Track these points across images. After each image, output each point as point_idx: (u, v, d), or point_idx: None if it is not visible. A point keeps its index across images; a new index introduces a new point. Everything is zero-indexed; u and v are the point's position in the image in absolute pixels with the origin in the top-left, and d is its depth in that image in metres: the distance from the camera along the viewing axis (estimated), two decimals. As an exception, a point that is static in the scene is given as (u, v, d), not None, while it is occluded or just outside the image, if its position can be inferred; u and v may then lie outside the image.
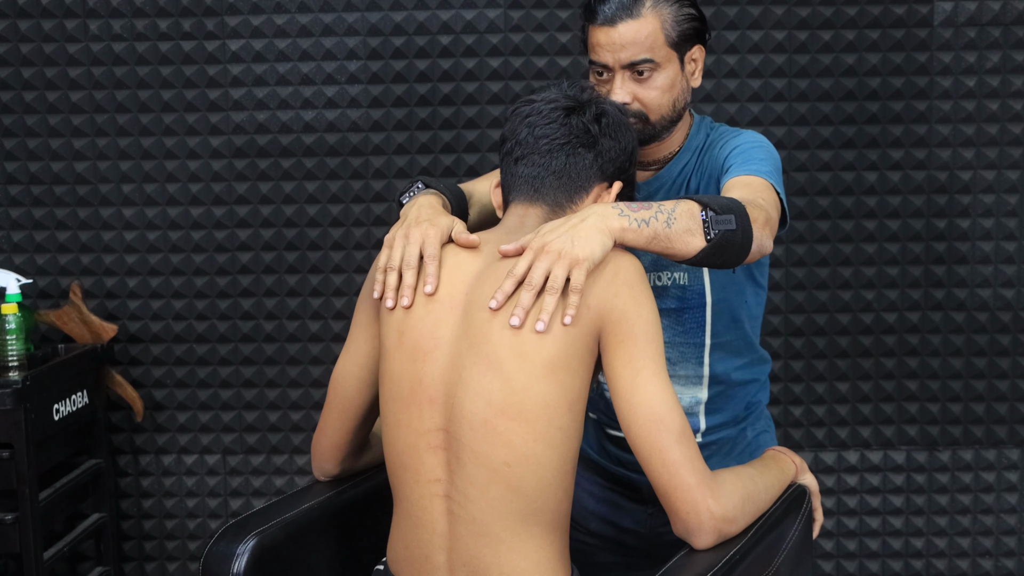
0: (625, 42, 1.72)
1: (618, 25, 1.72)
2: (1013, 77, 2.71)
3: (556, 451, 1.39)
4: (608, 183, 1.56)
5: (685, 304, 1.82)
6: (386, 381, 1.47)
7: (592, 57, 1.76)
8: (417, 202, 1.61)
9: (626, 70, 1.73)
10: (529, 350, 1.37)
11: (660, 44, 1.74)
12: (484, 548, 1.40)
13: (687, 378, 1.84)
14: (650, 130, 1.76)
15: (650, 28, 1.73)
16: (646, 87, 1.74)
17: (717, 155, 1.80)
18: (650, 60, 1.73)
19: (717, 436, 1.88)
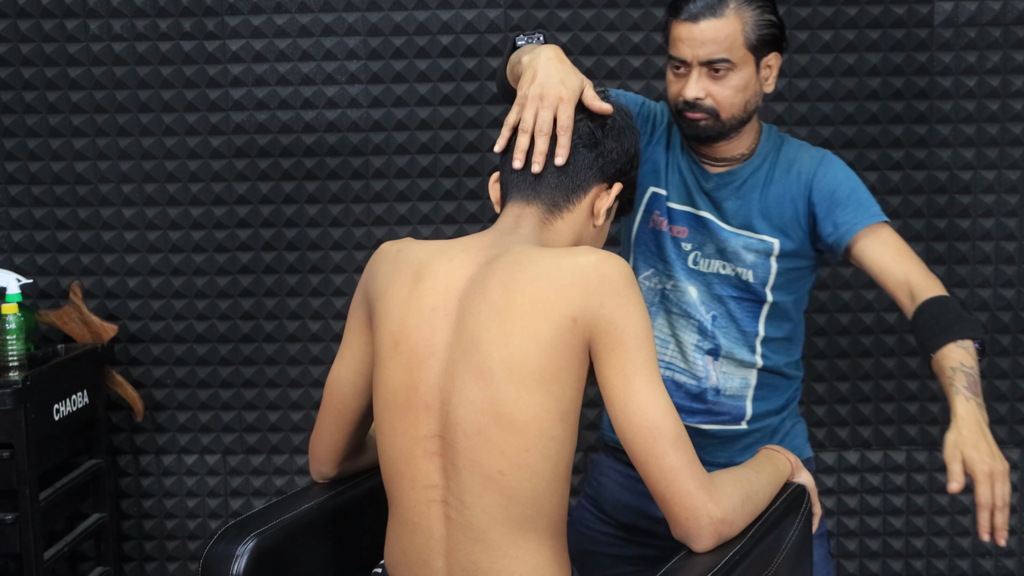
0: (705, 39, 1.78)
1: (700, 22, 1.78)
2: (1013, 77, 2.71)
3: (549, 460, 1.38)
4: (608, 184, 1.55)
5: (744, 295, 1.90)
6: (381, 389, 1.47)
7: (671, 52, 1.82)
8: (544, 54, 1.61)
9: (703, 67, 1.80)
10: (517, 362, 1.36)
11: (739, 45, 1.80)
12: (481, 554, 1.40)
13: (740, 362, 1.92)
14: (719, 127, 1.83)
15: (731, 29, 1.79)
16: (720, 85, 1.81)
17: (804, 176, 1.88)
18: (727, 60, 1.79)
19: (762, 424, 1.94)
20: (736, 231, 1.89)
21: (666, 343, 1.95)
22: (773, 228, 1.88)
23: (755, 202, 1.89)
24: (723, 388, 1.92)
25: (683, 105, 1.83)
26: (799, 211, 1.88)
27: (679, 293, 1.91)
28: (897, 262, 1.84)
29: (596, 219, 1.55)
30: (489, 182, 1.61)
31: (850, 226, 1.85)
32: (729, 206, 1.89)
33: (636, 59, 2.72)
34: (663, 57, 2.71)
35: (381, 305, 1.48)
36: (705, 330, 1.91)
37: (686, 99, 1.82)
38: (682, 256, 1.91)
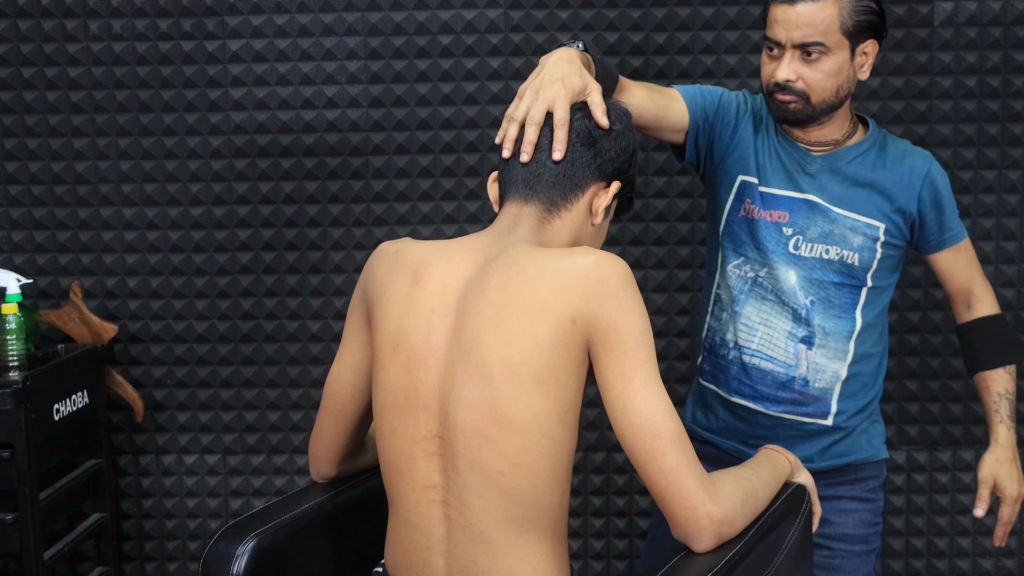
0: (801, 22, 1.80)
1: (797, 5, 1.81)
2: (1013, 77, 2.71)
3: (549, 460, 1.38)
4: (606, 183, 1.55)
5: (845, 281, 1.93)
6: (380, 390, 1.47)
7: (767, 33, 1.85)
8: (556, 54, 1.62)
9: (796, 49, 1.83)
10: (516, 362, 1.36)
11: (834, 30, 1.82)
12: (482, 554, 1.40)
13: (834, 352, 1.93)
14: (809, 110, 1.87)
15: (827, 13, 1.81)
16: (813, 68, 1.83)
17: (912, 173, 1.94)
18: (821, 44, 1.82)
19: (845, 423, 1.97)
20: (845, 213, 1.91)
21: (754, 330, 1.95)
22: (881, 214, 1.92)
23: (865, 186, 1.93)
24: (812, 379, 1.93)
25: (774, 87, 1.86)
26: (909, 202, 1.93)
27: (774, 280, 1.93)
28: (965, 272, 2.02)
29: (594, 217, 1.55)
30: (488, 181, 1.61)
31: (954, 233, 1.98)
32: (836, 188, 1.92)
33: (636, 59, 2.72)
34: (663, 57, 2.71)
35: (380, 306, 1.48)
36: (800, 316, 1.92)
37: (777, 81, 1.85)
38: (782, 241, 1.92)
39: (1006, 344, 2.01)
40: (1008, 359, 2.01)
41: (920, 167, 1.95)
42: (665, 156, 2.75)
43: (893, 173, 1.93)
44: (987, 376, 2.01)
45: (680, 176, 2.76)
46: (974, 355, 2.03)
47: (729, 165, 1.96)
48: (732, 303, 1.97)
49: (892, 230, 1.93)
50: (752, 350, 1.95)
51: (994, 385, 2.00)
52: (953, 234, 1.99)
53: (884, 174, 1.93)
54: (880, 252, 1.93)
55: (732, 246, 1.98)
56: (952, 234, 1.99)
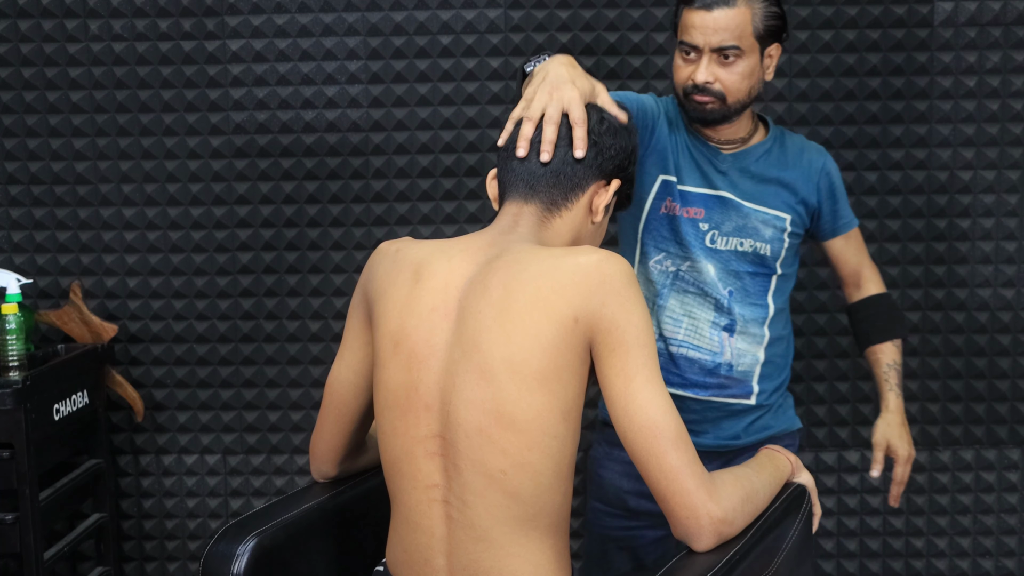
0: (718, 27, 1.90)
1: (714, 11, 1.91)
2: (1013, 77, 2.71)
3: (552, 459, 1.38)
4: (606, 181, 1.55)
5: (758, 270, 2.04)
6: (381, 390, 1.46)
7: (683, 38, 1.94)
8: (556, 59, 1.66)
9: (714, 53, 1.92)
10: (519, 361, 1.36)
11: (748, 34, 1.93)
12: (483, 552, 1.40)
13: (753, 338, 2.04)
14: (724, 110, 1.96)
15: (742, 18, 1.92)
16: (729, 71, 1.93)
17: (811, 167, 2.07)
18: (737, 47, 1.92)
19: (766, 401, 2.08)
20: (756, 207, 2.01)
21: (679, 322, 2.04)
22: (787, 206, 2.04)
23: (772, 181, 2.04)
24: (736, 364, 2.03)
25: (692, 88, 1.95)
26: (810, 194, 2.06)
27: (696, 273, 2.01)
28: (856, 256, 2.16)
29: (595, 216, 1.55)
30: (487, 180, 1.61)
31: (847, 221, 2.12)
32: (747, 184, 2.03)
33: (636, 59, 2.72)
34: (663, 57, 2.71)
35: (380, 305, 1.48)
36: (722, 306, 2.01)
37: (696, 83, 1.93)
38: (700, 236, 2.00)
39: (893, 320, 2.19)
40: (895, 334, 2.18)
41: (817, 161, 2.08)
42: (665, 156, 2.74)
43: (795, 168, 2.05)
44: (877, 349, 2.17)
45: (680, 176, 2.76)
46: (866, 331, 2.18)
47: (649, 165, 2.02)
48: (656, 297, 2.05)
49: (796, 220, 2.05)
50: (679, 340, 2.04)
51: (884, 357, 2.16)
52: (846, 221, 2.12)
53: (787, 169, 2.05)
54: (787, 242, 2.04)
55: (653, 242, 2.05)
56: (845, 221, 2.12)
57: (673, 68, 1.99)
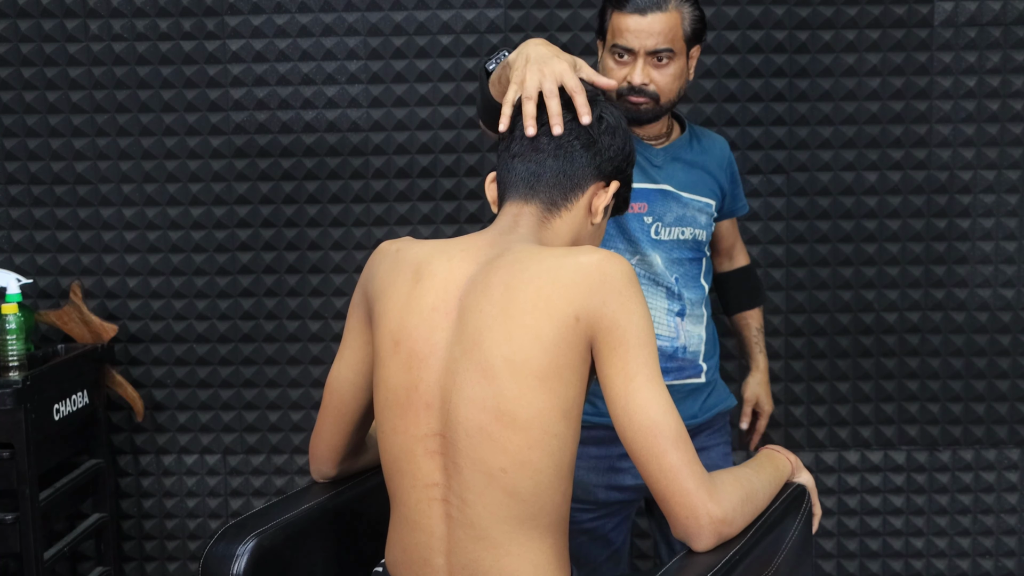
0: (653, 31, 1.98)
1: (648, 15, 1.98)
2: (1013, 77, 2.71)
3: (552, 457, 1.38)
4: (605, 182, 1.55)
5: (695, 255, 2.12)
6: (381, 388, 1.47)
7: (617, 41, 2.00)
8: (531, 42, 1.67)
9: (649, 56, 1.99)
10: (520, 360, 1.36)
11: (678, 37, 2.01)
12: (483, 551, 1.40)
13: (697, 318, 2.13)
14: (657, 110, 2.03)
15: (673, 22, 2.00)
16: (662, 73, 2.01)
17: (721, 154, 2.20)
18: (670, 50, 2.00)
19: (711, 378, 2.17)
20: (692, 196, 2.10)
21: None
22: (712, 192, 2.15)
23: (699, 170, 2.14)
24: (688, 345, 2.11)
25: (627, 90, 2.01)
26: (724, 180, 2.19)
27: (646, 265, 2.07)
28: (734, 234, 2.33)
29: (594, 217, 1.55)
30: (486, 182, 1.61)
31: (741, 204, 2.27)
32: (681, 175, 2.11)
33: (636, 59, 2.72)
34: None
35: (381, 304, 1.48)
36: (673, 293, 2.08)
37: (632, 84, 2.00)
38: (645, 229, 2.06)
39: (758, 289, 2.39)
40: (761, 301, 2.39)
41: (724, 148, 2.20)
42: (665, 156, 2.75)
43: (711, 156, 2.17)
44: (747, 315, 2.37)
45: (680, 176, 2.76)
46: (737, 297, 2.37)
47: None
48: None
49: (717, 205, 2.17)
50: None
51: (752, 322, 2.37)
52: (741, 204, 2.26)
53: (706, 157, 2.16)
54: (712, 226, 2.16)
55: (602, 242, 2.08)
56: (741, 204, 2.26)
57: (603, 69, 2.05)
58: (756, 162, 2.75)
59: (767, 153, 2.75)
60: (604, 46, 2.05)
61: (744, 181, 2.75)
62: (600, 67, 2.07)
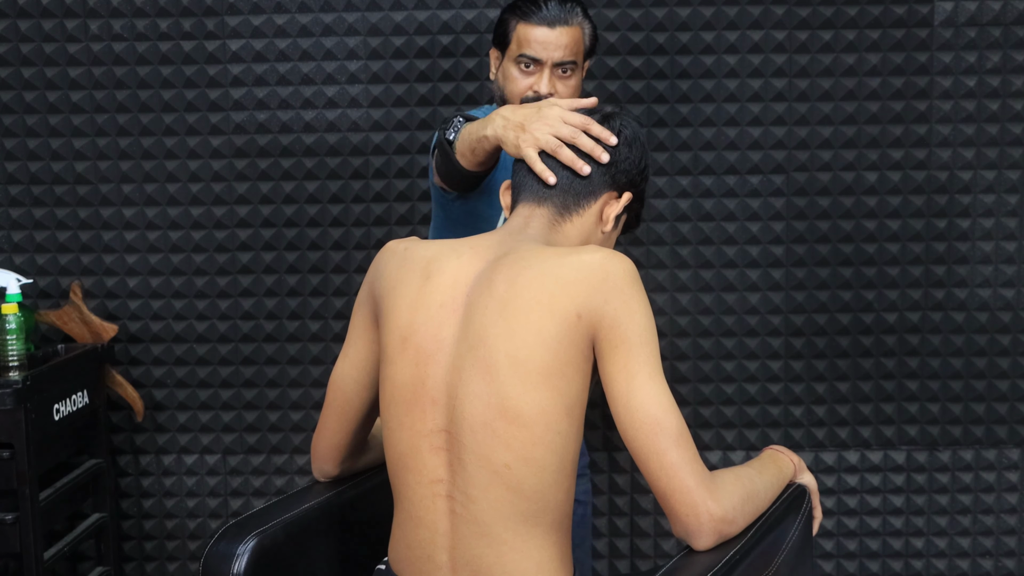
0: (561, 44, 2.06)
1: (556, 28, 2.06)
2: (1013, 77, 2.71)
3: (555, 455, 1.39)
4: (618, 193, 1.56)
5: None
6: (388, 385, 1.47)
7: (525, 51, 2.06)
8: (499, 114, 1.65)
9: (555, 67, 2.07)
10: (523, 357, 1.37)
11: (581, 51, 2.10)
12: (486, 548, 1.41)
13: None
14: None
15: (578, 36, 2.09)
16: (565, 84, 2.09)
17: None
18: (575, 62, 2.09)
19: None
20: None
21: None
22: None
23: None
24: None
25: (532, 99, 2.05)
26: None
27: None
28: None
29: (604, 225, 1.56)
30: (500, 189, 1.63)
31: None
32: None
33: (636, 59, 2.72)
34: (663, 57, 2.71)
35: (389, 302, 1.49)
36: None
37: (539, 94, 2.06)
38: None
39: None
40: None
41: None
42: (665, 156, 2.75)
43: None
44: None
45: (680, 176, 2.76)
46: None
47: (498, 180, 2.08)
48: None
49: None
50: None
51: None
52: None
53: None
54: None
55: None
56: None
57: (505, 78, 2.10)
58: (756, 162, 2.75)
59: (767, 153, 2.75)
60: (504, 55, 2.11)
61: (744, 181, 2.75)
62: (501, 76, 2.12)
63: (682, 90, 2.73)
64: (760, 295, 2.78)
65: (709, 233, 2.77)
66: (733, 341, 2.79)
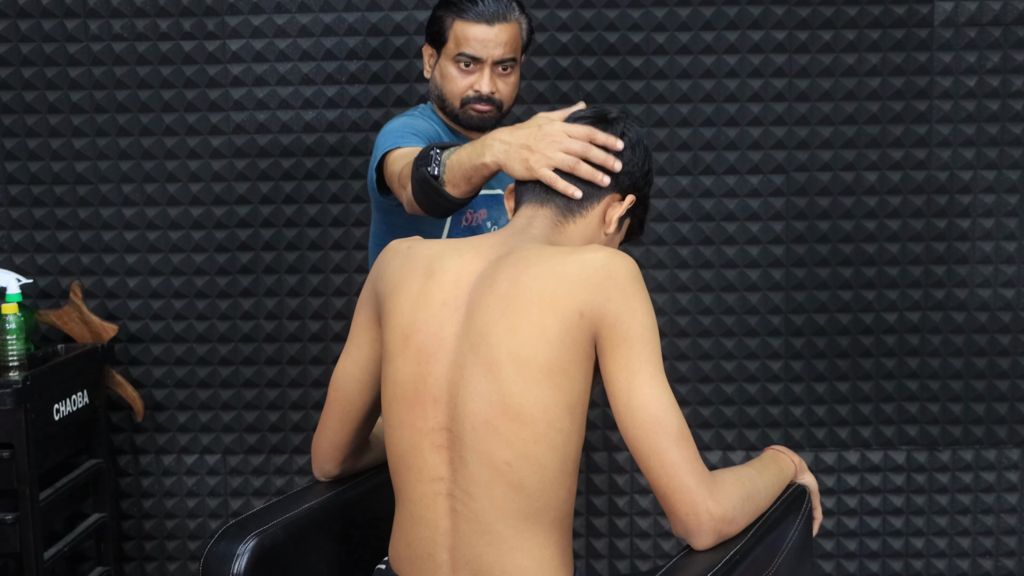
0: (500, 41, 2.04)
1: (495, 25, 2.03)
2: (1013, 77, 2.71)
3: (557, 453, 1.39)
4: (621, 195, 1.56)
5: None
6: (389, 384, 1.47)
7: (464, 49, 2.04)
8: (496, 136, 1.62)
9: (495, 65, 2.05)
10: (525, 355, 1.37)
11: (518, 47, 2.08)
12: (487, 547, 1.41)
13: None
14: (498, 116, 2.09)
15: (516, 32, 2.07)
16: (505, 81, 2.07)
17: None
18: (514, 60, 2.07)
19: None
20: None
21: None
22: None
23: None
24: None
25: (474, 98, 2.06)
26: None
27: None
28: None
29: (607, 227, 1.56)
30: (504, 194, 1.63)
31: None
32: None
33: (636, 59, 2.72)
34: (663, 57, 2.71)
35: (392, 301, 1.49)
36: None
37: (481, 94, 2.05)
38: None
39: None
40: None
41: None
42: (665, 156, 2.75)
43: None
44: None
45: (680, 176, 2.76)
46: None
47: None
48: None
49: None
50: None
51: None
52: None
53: None
54: None
55: None
56: None
57: (443, 77, 2.07)
58: (756, 162, 2.75)
59: (767, 153, 2.75)
60: (441, 53, 2.08)
61: (744, 181, 2.75)
62: (438, 74, 2.09)
63: (682, 90, 2.73)
64: (760, 295, 2.78)
65: (709, 233, 2.77)
66: (733, 341, 2.79)
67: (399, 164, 1.89)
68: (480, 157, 1.63)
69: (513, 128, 1.62)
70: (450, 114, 2.11)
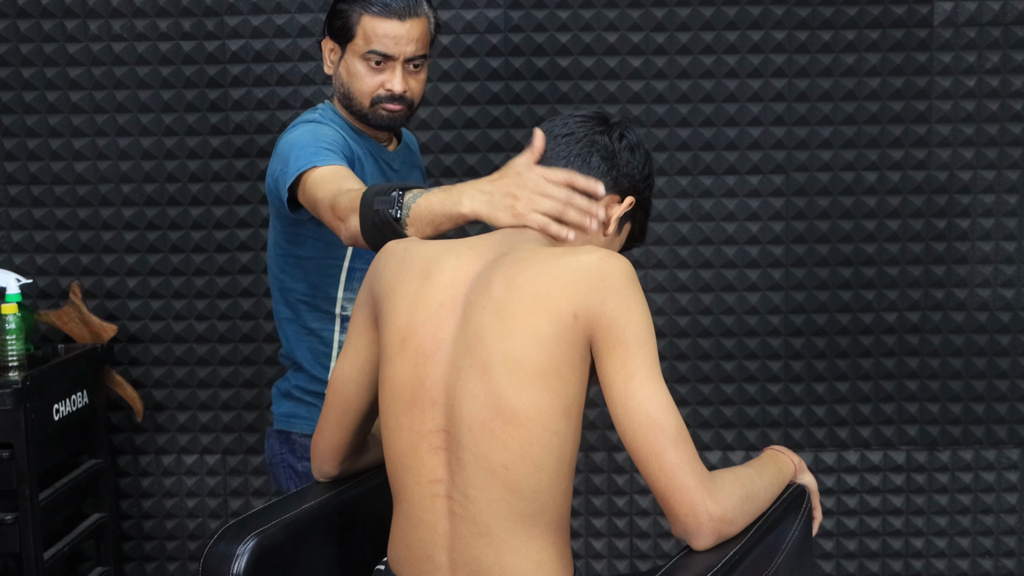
0: (412, 38, 1.95)
1: (406, 20, 1.94)
2: (1013, 77, 2.71)
3: (553, 455, 1.39)
4: (620, 197, 1.56)
5: None
6: (387, 386, 1.47)
7: (375, 47, 1.94)
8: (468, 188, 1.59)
9: (407, 63, 1.96)
10: (520, 357, 1.37)
11: (428, 43, 2.00)
12: (485, 548, 1.40)
13: None
14: (408, 115, 2.01)
15: (426, 27, 1.98)
16: (416, 79, 1.99)
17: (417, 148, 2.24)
18: (425, 56, 1.99)
19: None
20: None
21: None
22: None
23: (416, 170, 2.18)
24: None
25: (385, 97, 1.97)
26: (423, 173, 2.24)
27: None
28: None
29: (606, 228, 1.56)
30: None
31: None
32: (412, 175, 2.13)
33: (636, 59, 2.72)
34: (663, 57, 2.71)
35: (389, 303, 1.49)
36: None
37: (393, 92, 1.96)
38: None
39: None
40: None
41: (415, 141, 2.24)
42: (665, 156, 2.75)
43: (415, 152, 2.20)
44: None
45: (680, 176, 2.76)
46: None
47: None
48: None
49: None
50: None
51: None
52: None
53: (414, 155, 2.18)
54: None
55: (365, 265, 1.98)
56: None
57: (349, 74, 1.97)
58: (756, 162, 2.75)
59: (767, 153, 2.75)
60: (346, 49, 1.97)
61: (744, 181, 2.75)
62: (344, 72, 1.99)
63: (682, 90, 2.73)
64: (760, 295, 2.78)
65: (709, 233, 2.77)
66: (733, 341, 2.79)
67: (324, 189, 1.78)
68: (456, 206, 1.57)
69: (490, 178, 1.58)
70: (357, 113, 2.00)
